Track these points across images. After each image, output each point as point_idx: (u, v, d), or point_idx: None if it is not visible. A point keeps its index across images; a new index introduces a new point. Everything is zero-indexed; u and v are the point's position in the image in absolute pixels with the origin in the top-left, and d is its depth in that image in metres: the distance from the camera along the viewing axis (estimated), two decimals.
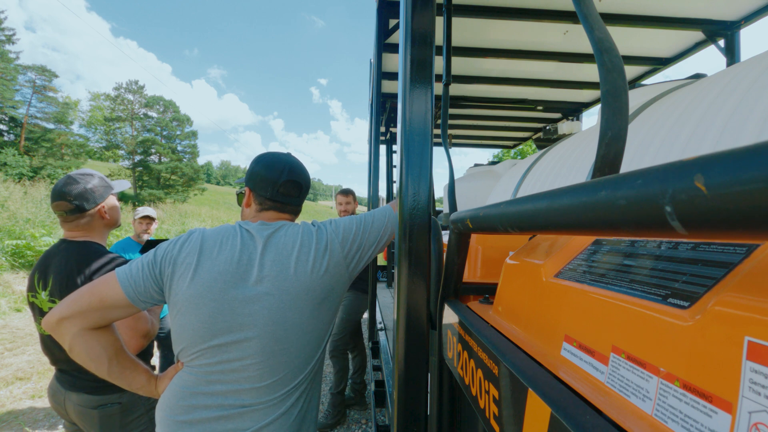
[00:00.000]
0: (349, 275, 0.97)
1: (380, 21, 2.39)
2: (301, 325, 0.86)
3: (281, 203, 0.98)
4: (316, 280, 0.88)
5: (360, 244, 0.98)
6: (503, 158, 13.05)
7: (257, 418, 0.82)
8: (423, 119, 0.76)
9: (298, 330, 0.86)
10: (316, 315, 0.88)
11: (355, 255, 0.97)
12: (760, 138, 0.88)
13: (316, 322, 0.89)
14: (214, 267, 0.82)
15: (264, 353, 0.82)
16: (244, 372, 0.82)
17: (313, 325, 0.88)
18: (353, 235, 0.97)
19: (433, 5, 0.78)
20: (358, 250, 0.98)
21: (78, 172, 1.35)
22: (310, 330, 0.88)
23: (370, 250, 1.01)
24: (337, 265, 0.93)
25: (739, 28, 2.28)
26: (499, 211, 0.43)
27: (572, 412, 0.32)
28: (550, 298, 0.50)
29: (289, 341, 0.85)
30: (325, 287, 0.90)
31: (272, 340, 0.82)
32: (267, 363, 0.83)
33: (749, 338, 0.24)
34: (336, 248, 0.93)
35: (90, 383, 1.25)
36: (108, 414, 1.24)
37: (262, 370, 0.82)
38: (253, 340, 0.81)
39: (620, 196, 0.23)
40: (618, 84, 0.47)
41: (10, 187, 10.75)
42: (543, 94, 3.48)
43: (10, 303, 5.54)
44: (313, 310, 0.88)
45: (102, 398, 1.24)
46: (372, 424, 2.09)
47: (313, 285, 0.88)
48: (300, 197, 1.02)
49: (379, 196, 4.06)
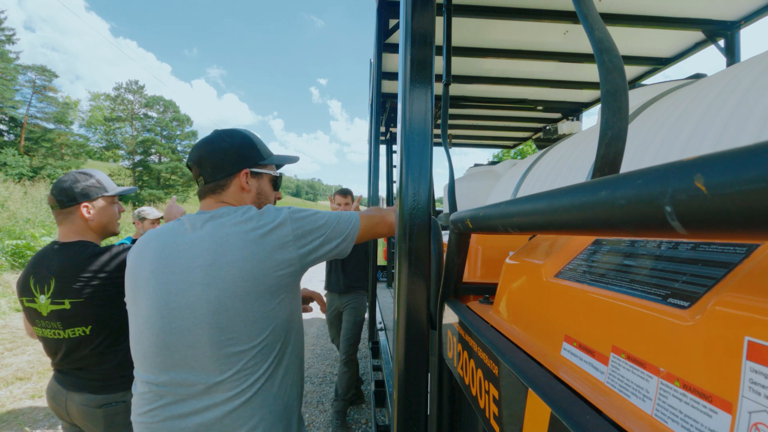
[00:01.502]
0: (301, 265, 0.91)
1: (380, 21, 2.39)
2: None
3: (204, 186, 0.95)
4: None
5: (318, 236, 0.92)
6: (503, 158, 13.05)
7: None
8: (423, 119, 0.76)
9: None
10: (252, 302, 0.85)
11: (310, 245, 0.91)
12: (760, 138, 0.88)
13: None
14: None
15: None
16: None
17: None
18: (313, 226, 0.92)
19: (433, 5, 0.78)
20: (314, 241, 0.92)
21: (80, 170, 1.35)
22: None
23: (327, 247, 0.94)
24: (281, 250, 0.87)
25: (739, 28, 2.28)
26: (499, 211, 0.43)
27: (572, 412, 0.32)
28: (550, 298, 0.50)
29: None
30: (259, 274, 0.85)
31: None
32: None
33: (749, 338, 0.24)
34: (286, 233, 0.88)
35: (93, 383, 1.25)
36: (113, 413, 1.24)
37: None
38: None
39: (620, 196, 0.23)
40: (618, 84, 0.47)
41: (10, 187, 10.75)
42: (543, 94, 3.48)
43: (10, 303, 5.54)
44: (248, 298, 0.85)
45: (106, 397, 1.23)
46: (372, 424, 2.09)
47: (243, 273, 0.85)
48: (209, 173, 0.94)
49: (379, 196, 4.07)
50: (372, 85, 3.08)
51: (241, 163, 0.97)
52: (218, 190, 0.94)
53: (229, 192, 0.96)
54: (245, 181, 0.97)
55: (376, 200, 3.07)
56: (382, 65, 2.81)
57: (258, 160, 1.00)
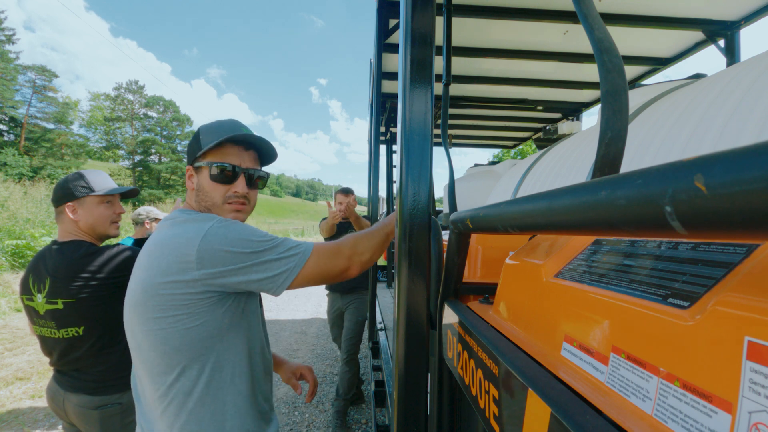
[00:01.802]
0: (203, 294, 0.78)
1: (380, 21, 2.39)
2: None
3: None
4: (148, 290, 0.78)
5: (229, 264, 0.77)
6: (503, 158, 13.06)
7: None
8: (423, 119, 0.76)
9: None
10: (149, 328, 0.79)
11: (220, 279, 0.78)
12: (760, 138, 0.88)
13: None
14: None
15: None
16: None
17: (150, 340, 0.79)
18: (227, 250, 0.77)
19: (433, 5, 0.78)
20: (220, 267, 0.77)
21: (78, 170, 1.36)
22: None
23: (240, 278, 0.79)
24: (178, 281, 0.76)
25: (739, 28, 2.28)
26: (499, 211, 0.43)
27: (572, 412, 0.32)
28: (550, 298, 0.50)
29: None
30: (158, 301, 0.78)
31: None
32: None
33: (749, 338, 0.24)
34: (189, 252, 0.76)
35: (90, 384, 1.24)
36: (109, 414, 1.24)
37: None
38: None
39: (620, 196, 0.23)
40: (618, 84, 0.47)
41: (10, 187, 10.74)
42: (543, 94, 3.48)
43: (10, 303, 5.54)
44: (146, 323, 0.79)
45: (102, 399, 1.23)
46: (372, 424, 2.09)
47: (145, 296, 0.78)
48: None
49: (379, 196, 4.07)
50: (372, 85, 3.08)
51: (189, 160, 0.92)
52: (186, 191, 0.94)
53: (187, 193, 0.94)
54: (189, 178, 0.92)
55: (376, 200, 3.07)
56: (382, 65, 2.81)
57: (197, 152, 0.88)
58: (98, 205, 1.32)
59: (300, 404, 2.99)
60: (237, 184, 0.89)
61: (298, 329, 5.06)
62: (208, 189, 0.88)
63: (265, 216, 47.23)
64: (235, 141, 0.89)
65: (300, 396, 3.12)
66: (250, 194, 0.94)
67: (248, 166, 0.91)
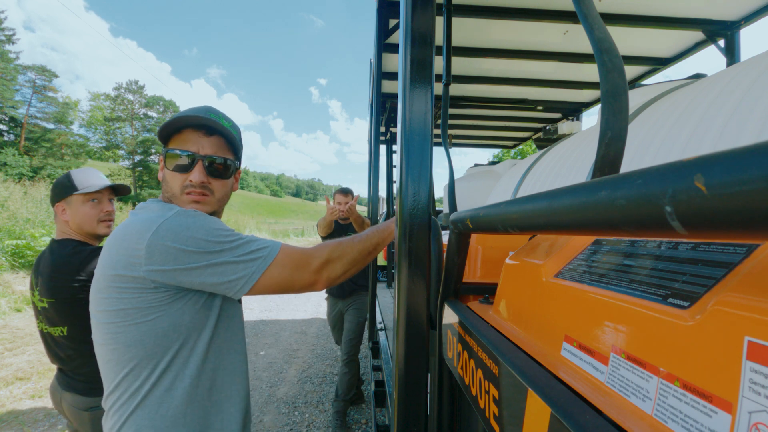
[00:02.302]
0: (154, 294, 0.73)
1: (380, 21, 2.39)
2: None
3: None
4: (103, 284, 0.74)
5: (179, 262, 0.72)
6: (503, 158, 13.06)
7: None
8: (423, 119, 0.76)
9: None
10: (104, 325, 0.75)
11: (171, 276, 0.72)
12: (760, 138, 0.88)
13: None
14: None
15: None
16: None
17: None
18: (178, 247, 0.71)
19: (433, 5, 0.78)
20: (169, 264, 0.71)
21: (72, 170, 1.36)
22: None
23: (190, 278, 0.73)
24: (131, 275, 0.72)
25: (739, 28, 2.28)
26: (499, 211, 0.43)
27: (572, 412, 0.32)
28: (550, 298, 0.50)
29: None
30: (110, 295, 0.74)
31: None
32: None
33: (749, 338, 0.24)
34: (139, 246, 0.71)
35: (81, 384, 1.24)
36: (98, 416, 1.24)
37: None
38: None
39: (620, 196, 0.23)
40: (618, 84, 0.47)
41: (10, 187, 10.75)
42: (543, 94, 3.48)
43: (10, 303, 5.54)
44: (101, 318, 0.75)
45: (93, 400, 1.23)
46: (372, 424, 2.09)
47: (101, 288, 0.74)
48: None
49: (379, 196, 4.07)
50: (372, 85, 3.08)
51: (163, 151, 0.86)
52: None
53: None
54: (161, 168, 0.86)
55: (376, 200, 3.07)
56: (382, 65, 2.81)
57: (162, 138, 0.84)
58: (83, 203, 1.30)
59: (300, 404, 2.99)
60: (193, 172, 0.81)
61: (298, 329, 5.06)
62: (168, 178, 0.83)
63: (265, 216, 47.24)
64: (193, 125, 0.82)
65: (300, 396, 3.12)
66: (213, 184, 0.85)
67: (208, 153, 0.83)
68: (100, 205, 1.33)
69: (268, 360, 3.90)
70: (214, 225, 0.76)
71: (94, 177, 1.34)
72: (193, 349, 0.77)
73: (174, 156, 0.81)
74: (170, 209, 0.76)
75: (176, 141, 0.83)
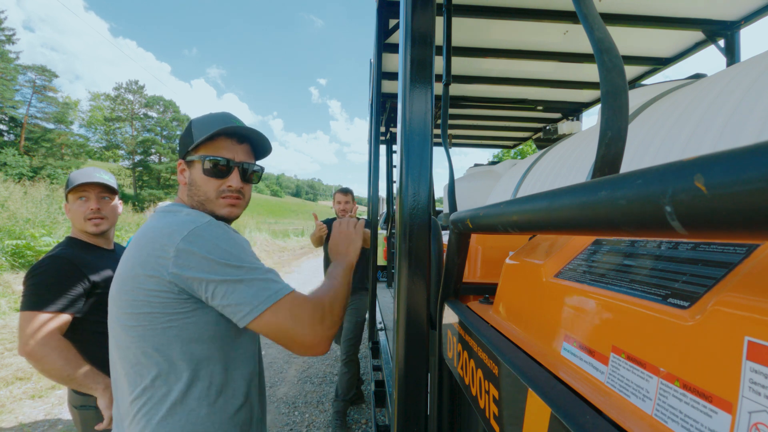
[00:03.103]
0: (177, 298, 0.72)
1: (380, 21, 2.39)
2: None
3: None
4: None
5: (205, 269, 0.71)
6: (503, 158, 13.06)
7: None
8: (423, 119, 0.76)
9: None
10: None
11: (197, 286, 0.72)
12: (760, 138, 0.88)
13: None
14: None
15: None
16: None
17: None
18: (209, 257, 0.71)
19: (433, 5, 0.78)
20: (195, 270, 0.71)
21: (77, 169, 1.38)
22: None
23: (209, 291, 0.72)
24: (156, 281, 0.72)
25: (739, 28, 2.28)
26: (499, 211, 0.43)
27: (572, 412, 0.32)
28: (550, 298, 0.50)
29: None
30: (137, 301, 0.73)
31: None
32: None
33: (749, 338, 0.24)
34: (170, 243, 0.72)
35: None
36: (86, 416, 1.24)
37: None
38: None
39: (620, 196, 0.23)
40: (618, 84, 0.47)
41: (10, 187, 10.75)
42: (543, 94, 3.48)
43: (10, 303, 5.54)
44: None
45: (83, 398, 1.23)
46: (372, 424, 2.09)
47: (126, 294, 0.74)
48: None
49: (379, 196, 4.07)
50: (372, 85, 3.08)
51: (181, 154, 0.89)
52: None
53: (179, 188, 0.91)
54: (181, 172, 0.88)
55: (376, 200, 3.07)
56: (382, 65, 2.80)
57: (189, 145, 0.85)
58: (74, 201, 1.30)
59: (300, 404, 2.99)
60: (231, 178, 0.86)
61: None
62: (201, 183, 0.85)
63: (265, 216, 47.26)
64: (227, 134, 0.86)
65: (300, 396, 3.12)
66: (244, 188, 0.90)
67: (242, 160, 0.88)
68: (87, 202, 1.31)
69: (268, 360, 3.90)
70: (242, 244, 0.77)
71: (85, 174, 1.32)
72: (221, 361, 0.78)
73: (213, 162, 0.84)
74: (203, 216, 0.77)
75: (210, 148, 0.85)
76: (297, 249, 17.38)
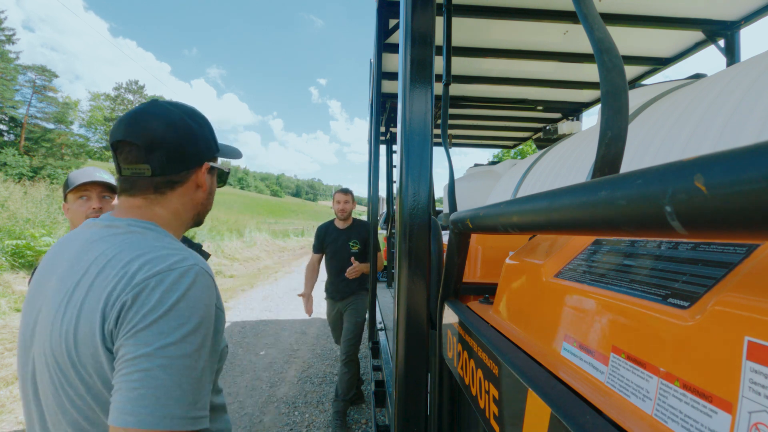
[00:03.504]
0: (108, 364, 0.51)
1: (380, 21, 2.39)
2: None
3: (122, 180, 0.64)
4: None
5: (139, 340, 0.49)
6: (503, 158, 13.07)
7: None
8: (423, 119, 0.76)
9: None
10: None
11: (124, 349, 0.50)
12: (760, 138, 0.88)
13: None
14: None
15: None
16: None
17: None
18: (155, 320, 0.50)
19: (433, 5, 0.78)
20: (127, 339, 0.50)
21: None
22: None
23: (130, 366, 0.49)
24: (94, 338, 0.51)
25: (739, 28, 2.28)
26: (499, 211, 0.43)
27: (572, 412, 0.32)
28: (550, 298, 0.50)
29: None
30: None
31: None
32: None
33: (749, 338, 0.24)
34: (122, 303, 0.51)
35: None
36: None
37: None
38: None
39: (620, 196, 0.23)
40: (618, 84, 0.47)
41: (10, 187, 10.75)
42: (543, 94, 3.48)
43: (10, 303, 5.54)
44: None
45: None
46: (372, 424, 2.09)
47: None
48: (161, 163, 0.63)
49: (379, 196, 4.07)
50: (372, 85, 3.08)
51: (204, 155, 0.70)
52: (163, 189, 0.65)
53: (175, 195, 0.67)
54: (204, 177, 0.71)
55: (376, 200, 3.07)
56: (382, 65, 2.81)
57: (215, 150, 0.74)
58: (74, 201, 1.29)
59: (300, 404, 2.99)
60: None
61: (298, 329, 5.06)
62: (214, 193, 0.76)
63: (265, 216, 47.25)
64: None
65: (300, 396, 3.12)
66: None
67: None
68: (88, 202, 1.29)
69: (268, 360, 3.90)
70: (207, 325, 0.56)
71: (86, 174, 1.30)
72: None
73: (228, 172, 0.80)
74: (194, 258, 0.59)
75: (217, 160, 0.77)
76: (297, 249, 17.38)
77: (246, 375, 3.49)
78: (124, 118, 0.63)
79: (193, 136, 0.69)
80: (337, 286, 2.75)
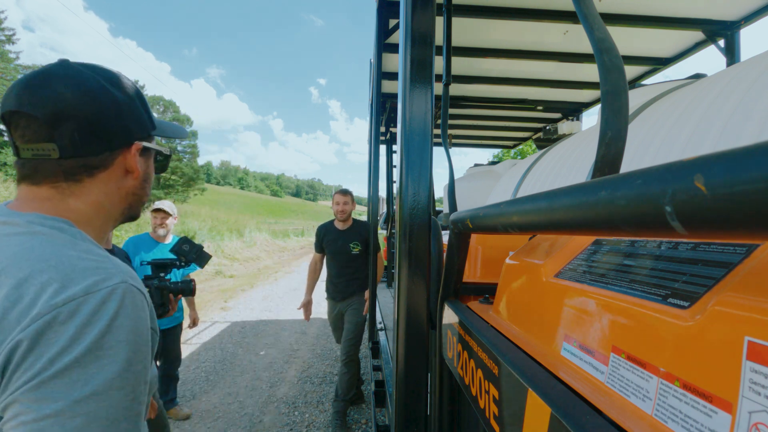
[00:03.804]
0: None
1: (380, 21, 2.39)
2: None
3: (21, 165, 0.49)
4: None
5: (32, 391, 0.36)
6: (503, 158, 13.07)
7: None
8: (423, 119, 0.76)
9: None
10: None
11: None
12: (760, 138, 0.88)
13: None
14: None
15: None
16: None
17: None
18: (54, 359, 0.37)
19: (433, 5, 0.78)
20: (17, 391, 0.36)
21: None
22: None
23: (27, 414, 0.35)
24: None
25: (739, 28, 2.28)
26: (499, 211, 0.43)
27: (572, 412, 0.32)
28: (550, 298, 0.50)
29: None
30: None
31: None
32: None
33: (749, 338, 0.24)
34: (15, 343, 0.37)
35: None
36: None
37: None
38: None
39: (620, 196, 0.23)
40: (618, 84, 0.47)
41: (10, 187, 10.75)
42: (543, 94, 3.48)
43: None
44: None
45: None
46: (372, 424, 2.09)
47: None
48: (73, 142, 0.48)
49: (379, 196, 4.07)
50: (372, 85, 3.08)
51: (133, 132, 0.55)
52: (77, 176, 0.50)
53: (95, 183, 0.52)
54: (135, 160, 0.55)
55: (376, 200, 3.07)
56: (382, 65, 2.81)
57: (150, 127, 0.58)
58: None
59: (300, 404, 2.99)
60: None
61: (298, 329, 5.06)
62: (152, 178, 0.61)
63: (265, 216, 47.25)
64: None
65: (300, 396, 3.12)
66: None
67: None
68: None
69: (268, 360, 3.90)
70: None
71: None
72: None
73: (168, 156, 0.64)
74: (117, 269, 0.45)
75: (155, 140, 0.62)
76: (297, 249, 17.37)
77: (246, 375, 3.49)
78: (19, 82, 0.48)
79: (116, 107, 0.52)
80: (338, 286, 2.75)
